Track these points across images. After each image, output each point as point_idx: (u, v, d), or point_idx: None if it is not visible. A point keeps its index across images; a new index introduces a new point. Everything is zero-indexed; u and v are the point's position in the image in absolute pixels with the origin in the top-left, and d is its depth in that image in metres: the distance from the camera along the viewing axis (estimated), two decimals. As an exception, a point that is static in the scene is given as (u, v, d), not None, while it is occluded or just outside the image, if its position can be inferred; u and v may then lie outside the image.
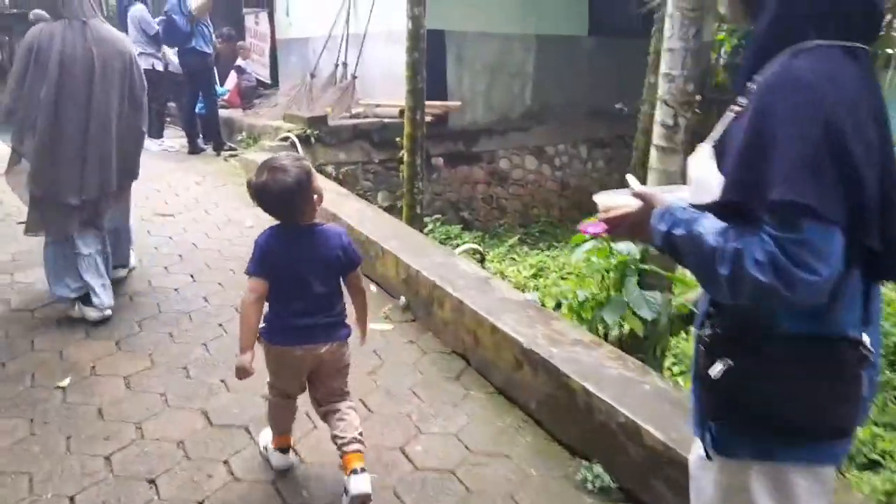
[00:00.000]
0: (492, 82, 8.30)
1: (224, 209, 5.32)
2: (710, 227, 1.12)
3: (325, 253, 2.05)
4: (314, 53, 9.41)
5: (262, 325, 2.08)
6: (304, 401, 2.24)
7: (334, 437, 2.08)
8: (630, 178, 1.39)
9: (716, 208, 1.14)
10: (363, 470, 2.00)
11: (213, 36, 7.68)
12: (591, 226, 1.52)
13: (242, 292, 2.09)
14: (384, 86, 8.18)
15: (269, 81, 10.26)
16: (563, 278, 6.43)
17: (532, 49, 8.57)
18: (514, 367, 2.64)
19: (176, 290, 3.75)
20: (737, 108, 1.21)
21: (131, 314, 3.42)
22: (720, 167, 1.19)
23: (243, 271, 2.13)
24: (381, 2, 7.95)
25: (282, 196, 1.97)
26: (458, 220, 7.89)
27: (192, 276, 3.94)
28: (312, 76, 8.29)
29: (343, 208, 4.62)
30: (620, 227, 1.32)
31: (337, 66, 8.55)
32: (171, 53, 7.67)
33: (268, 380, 2.19)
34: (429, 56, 7.76)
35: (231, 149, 7.37)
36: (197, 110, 7.48)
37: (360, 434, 2.08)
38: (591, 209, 1.44)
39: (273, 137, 7.26)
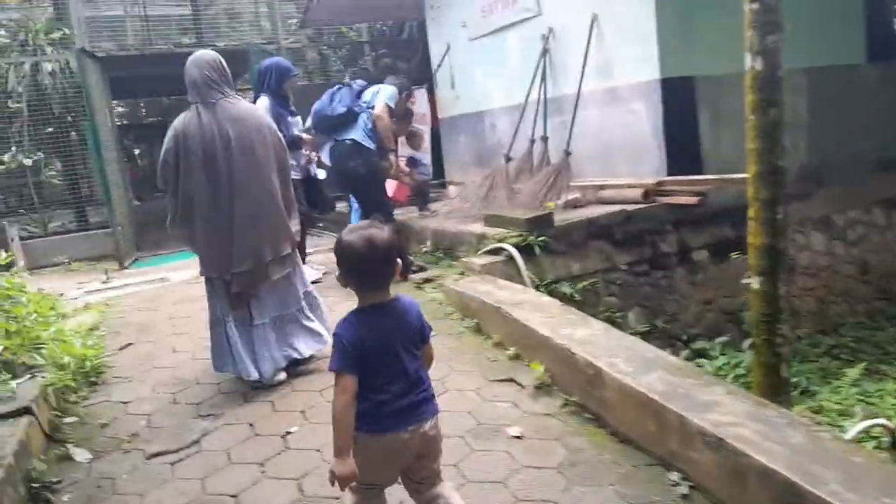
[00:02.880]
0: (757, 138, 5.99)
1: (461, 396, 3.28)
2: None
3: (409, 327, 1.95)
4: (493, 129, 7.55)
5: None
6: None
7: None
8: None
9: None
10: None
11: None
12: None
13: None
14: (603, 160, 6.10)
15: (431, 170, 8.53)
16: None
17: (803, 88, 6.20)
18: None
19: None
20: None
21: None
22: None
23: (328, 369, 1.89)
24: (596, 51, 5.94)
25: (384, 255, 1.87)
26: (740, 335, 5.50)
27: None
28: (508, 159, 6.35)
29: (708, 400, 2.40)
30: None
31: (533, 141, 6.58)
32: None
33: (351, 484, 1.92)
34: (674, 113, 5.65)
35: (420, 269, 5.45)
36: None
37: None
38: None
39: (473, 249, 5.30)
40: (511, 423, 2.97)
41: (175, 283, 6.31)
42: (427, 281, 5.14)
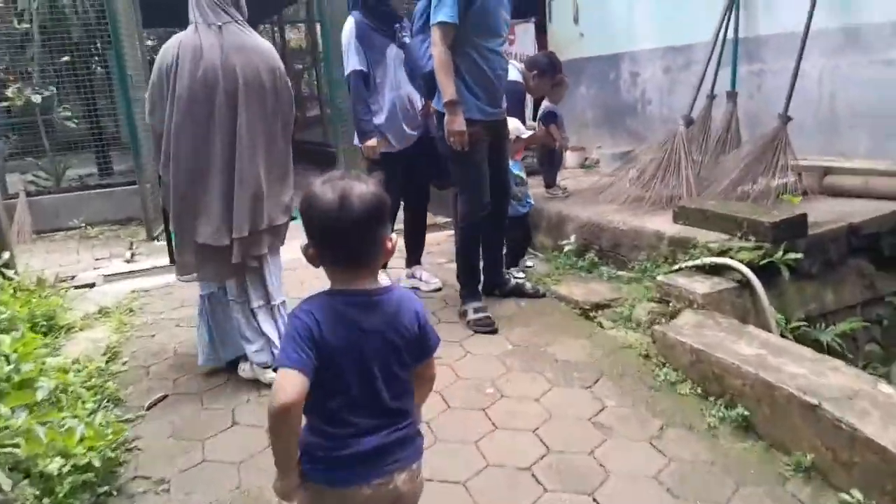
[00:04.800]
0: None
1: None
2: None
3: (398, 331, 1.32)
4: (633, 79, 5.79)
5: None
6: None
7: None
8: None
9: None
10: None
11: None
12: None
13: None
14: (828, 132, 4.34)
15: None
16: None
17: None
18: None
19: None
20: None
21: None
22: None
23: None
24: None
25: (365, 220, 1.25)
26: None
27: None
28: (689, 122, 4.56)
29: None
30: None
31: (713, 98, 4.79)
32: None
33: None
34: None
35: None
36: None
37: None
38: None
39: (661, 258, 3.61)
40: None
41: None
42: (599, 307, 3.47)
